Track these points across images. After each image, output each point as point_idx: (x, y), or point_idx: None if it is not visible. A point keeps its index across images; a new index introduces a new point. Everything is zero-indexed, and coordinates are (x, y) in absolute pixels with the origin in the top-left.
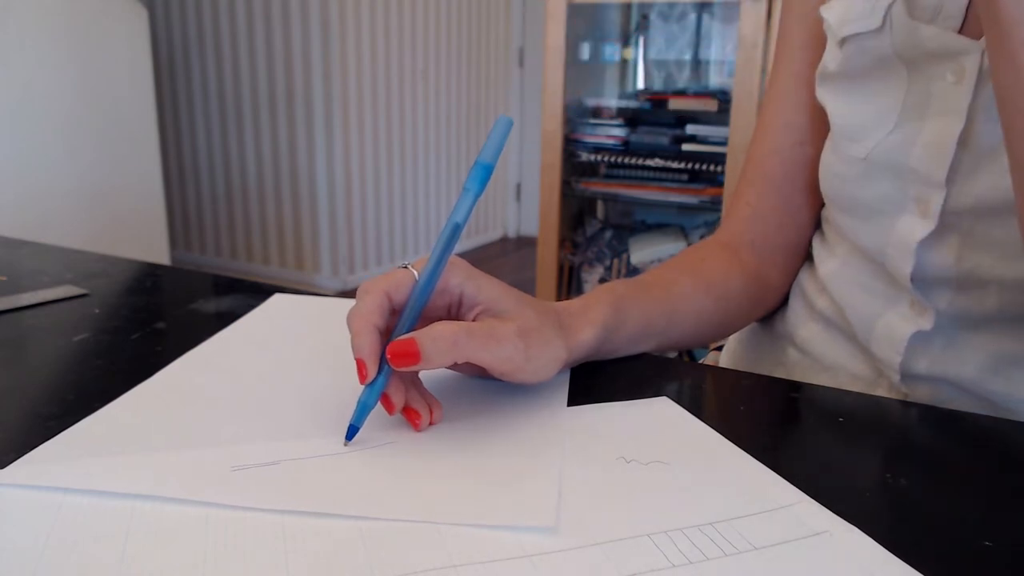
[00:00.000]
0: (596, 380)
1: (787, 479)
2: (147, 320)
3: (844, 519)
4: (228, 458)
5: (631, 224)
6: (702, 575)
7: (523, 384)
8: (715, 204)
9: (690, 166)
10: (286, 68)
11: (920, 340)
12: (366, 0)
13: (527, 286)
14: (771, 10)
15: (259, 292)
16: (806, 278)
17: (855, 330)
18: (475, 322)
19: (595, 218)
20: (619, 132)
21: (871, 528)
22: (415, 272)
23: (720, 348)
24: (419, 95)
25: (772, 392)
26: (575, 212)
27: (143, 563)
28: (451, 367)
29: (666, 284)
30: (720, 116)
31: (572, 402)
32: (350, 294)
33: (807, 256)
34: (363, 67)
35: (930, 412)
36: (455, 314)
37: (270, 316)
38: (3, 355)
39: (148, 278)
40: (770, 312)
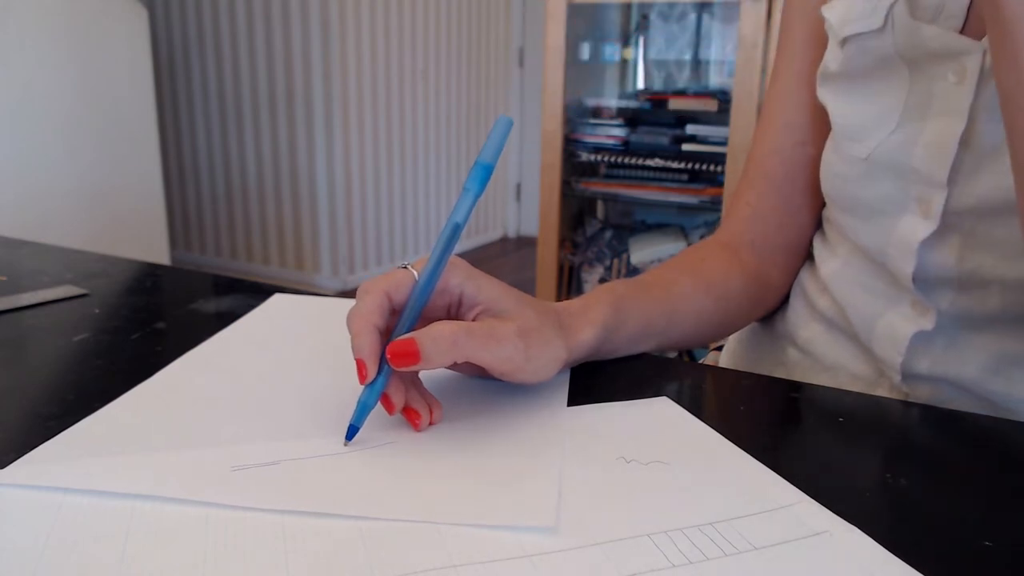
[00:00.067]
0: (596, 380)
1: (787, 479)
2: (147, 320)
3: (844, 519)
4: (228, 458)
5: (631, 224)
6: (702, 575)
7: (523, 384)
8: (715, 204)
9: (690, 166)
10: (286, 68)
11: (921, 340)
12: (366, 0)
13: (527, 286)
14: (771, 10)
15: (259, 292)
16: (807, 278)
17: (856, 330)
18: (475, 322)
19: (595, 218)
20: (619, 132)
21: (871, 528)
22: (415, 272)
23: (720, 348)
24: (419, 95)
25: (772, 392)
26: (575, 212)
27: (143, 563)
28: (451, 367)
29: (666, 284)
30: (720, 116)
31: (572, 402)
32: (350, 294)
33: (808, 256)
34: (363, 67)
35: (930, 412)
36: (455, 314)
37: (270, 316)
38: (3, 355)
39: (148, 278)
40: (770, 312)
